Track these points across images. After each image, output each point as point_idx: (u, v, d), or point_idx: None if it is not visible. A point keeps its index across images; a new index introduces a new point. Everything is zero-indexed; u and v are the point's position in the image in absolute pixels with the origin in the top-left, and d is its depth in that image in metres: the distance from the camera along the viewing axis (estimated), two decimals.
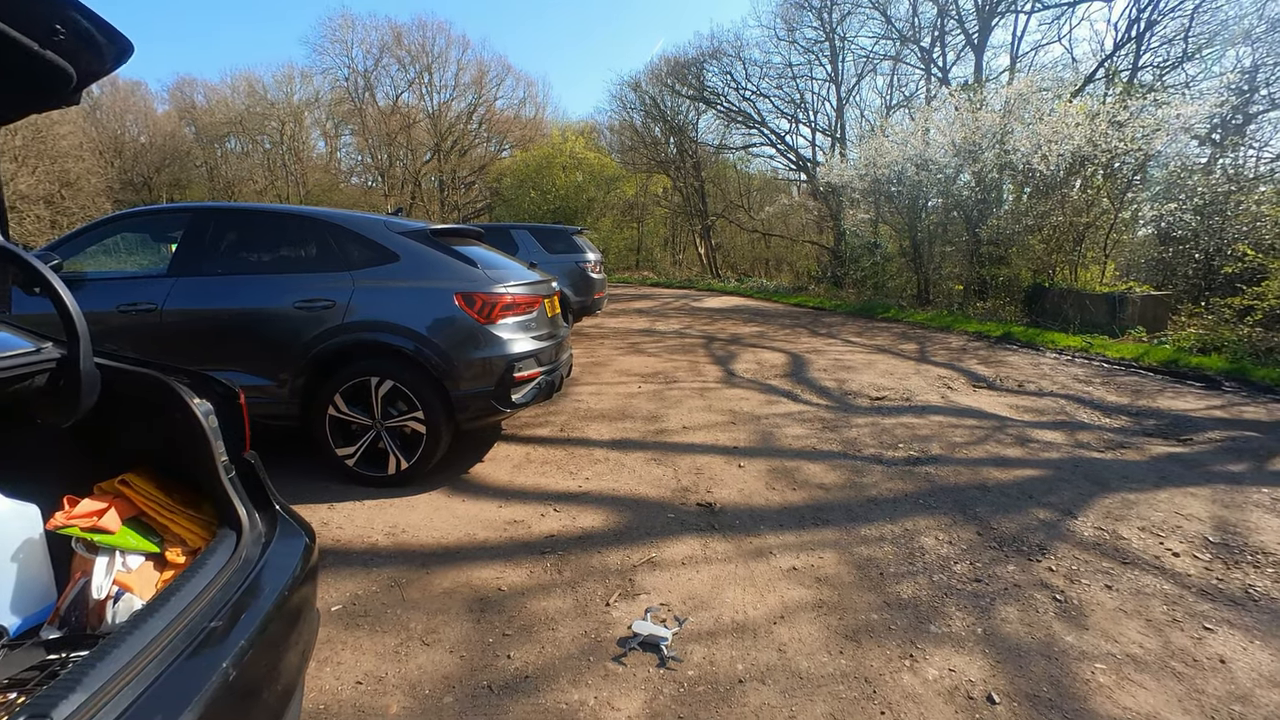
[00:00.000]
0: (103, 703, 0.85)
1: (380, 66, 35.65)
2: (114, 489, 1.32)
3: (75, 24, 1.10)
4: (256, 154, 36.75)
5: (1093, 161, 10.99)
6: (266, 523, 1.37)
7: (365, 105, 35.25)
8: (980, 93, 13.30)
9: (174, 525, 1.34)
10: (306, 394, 3.34)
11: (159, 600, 1.07)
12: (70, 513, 1.23)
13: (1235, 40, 13.61)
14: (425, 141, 36.22)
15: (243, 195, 34.90)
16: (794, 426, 4.67)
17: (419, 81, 35.87)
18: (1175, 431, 4.67)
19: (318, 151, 38.33)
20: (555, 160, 27.71)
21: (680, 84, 25.52)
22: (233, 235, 3.64)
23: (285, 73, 36.58)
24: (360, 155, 37.98)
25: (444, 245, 3.57)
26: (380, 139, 35.42)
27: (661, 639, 2.07)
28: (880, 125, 17.32)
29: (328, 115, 37.33)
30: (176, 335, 3.40)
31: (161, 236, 4.28)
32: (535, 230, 8.76)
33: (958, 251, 13.42)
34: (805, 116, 24.44)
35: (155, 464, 1.42)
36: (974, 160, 12.49)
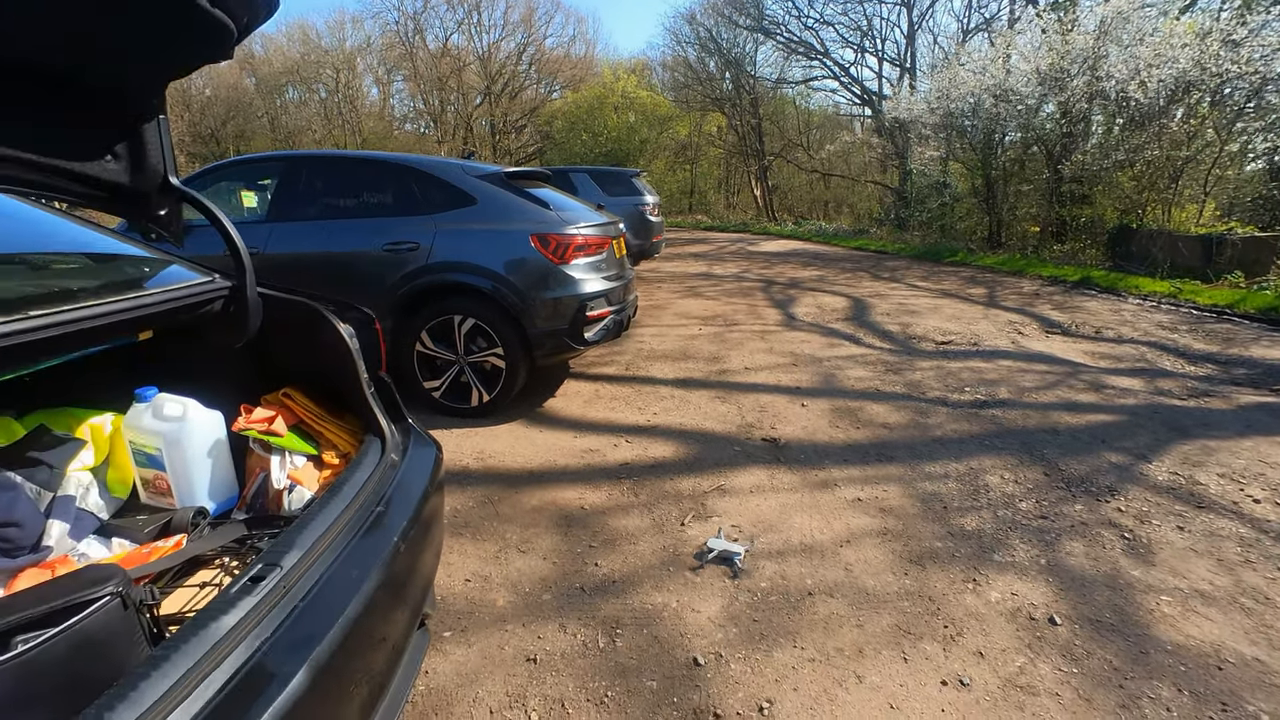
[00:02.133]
0: (313, 560, 1.06)
1: (429, 8, 35.16)
2: (278, 400, 1.54)
3: None
4: (313, 102, 37.37)
5: (1199, 87, 9.94)
6: (402, 433, 1.57)
7: (415, 49, 35.06)
8: (1073, 11, 12.07)
9: (327, 433, 1.56)
10: (396, 331, 3.59)
11: (333, 490, 1.27)
12: (250, 418, 1.46)
13: None
14: (476, 85, 35.92)
15: (302, 144, 35.80)
16: (856, 369, 4.69)
17: (468, 21, 35.27)
18: (1268, 381, 4.43)
19: (371, 99, 38.67)
20: (607, 101, 27.12)
21: (738, 14, 24.18)
22: (323, 182, 3.86)
23: (337, 19, 36.94)
24: (412, 101, 38.12)
25: (518, 188, 3.68)
26: (431, 83, 35.33)
27: (735, 554, 2.25)
28: (955, 52, 16.04)
29: (379, 60, 37.39)
30: (278, 277, 3.69)
31: (258, 184, 4.56)
32: (594, 173, 8.75)
33: (1035, 190, 12.57)
34: (872, 45, 22.85)
35: (307, 379, 1.63)
36: (1061, 89, 11.50)
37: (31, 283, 1.40)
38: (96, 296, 1.20)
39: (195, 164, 33.14)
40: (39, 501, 1.32)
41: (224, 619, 0.86)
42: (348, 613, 0.98)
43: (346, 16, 36.68)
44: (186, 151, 33.47)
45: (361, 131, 36.30)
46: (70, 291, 1.25)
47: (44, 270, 1.48)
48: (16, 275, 1.42)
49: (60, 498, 1.36)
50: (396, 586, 1.22)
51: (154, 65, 1.36)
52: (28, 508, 1.26)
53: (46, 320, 1.04)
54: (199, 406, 1.44)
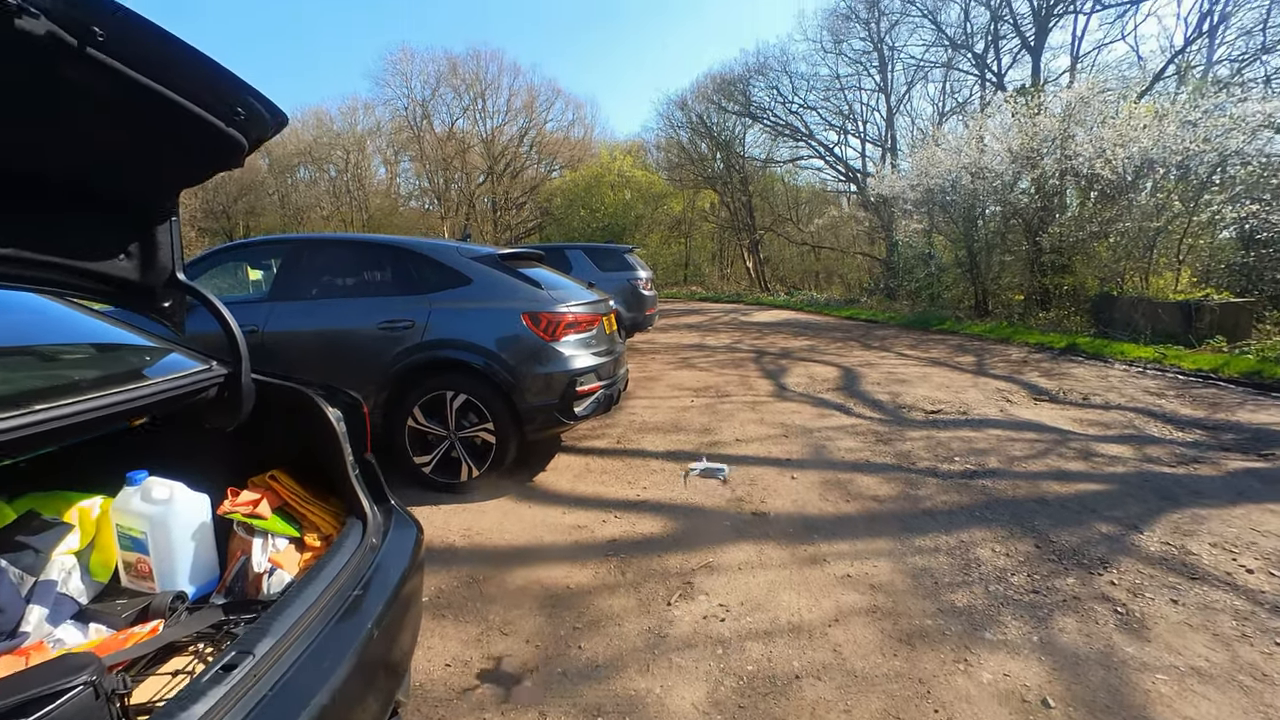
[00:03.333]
0: (287, 646, 1.07)
1: (437, 95, 37.44)
2: (264, 482, 1.58)
3: (250, 105, 1.38)
4: (323, 181, 39.04)
5: (1163, 163, 10.52)
6: (384, 514, 1.61)
7: (423, 133, 37.02)
8: (1038, 97, 12.94)
9: (310, 515, 1.59)
10: (389, 407, 3.65)
11: (311, 574, 1.30)
12: (235, 501, 1.50)
13: None
14: (479, 165, 37.68)
15: (310, 221, 37.15)
16: (847, 439, 4.72)
17: (473, 108, 37.45)
18: (1256, 446, 4.46)
19: (379, 177, 40.44)
20: (604, 179, 28.39)
21: (727, 100, 25.78)
22: (324, 264, 4.04)
23: (350, 105, 38.89)
24: (418, 180, 39.85)
25: (511, 269, 3.85)
26: (437, 164, 37.08)
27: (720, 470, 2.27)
28: (932, 134, 17.01)
29: (388, 143, 39.37)
30: (275, 355, 3.78)
31: (263, 265, 4.75)
32: (589, 250, 9.08)
33: (1017, 260, 13.02)
34: (854, 127, 24.25)
35: (295, 461, 1.68)
36: (1033, 166, 12.15)
37: (39, 375, 1.47)
38: (99, 389, 1.27)
39: (205, 239, 34.21)
40: (21, 586, 1.34)
41: (193, 708, 0.87)
42: (317, 701, 0.99)
43: (359, 103, 38.79)
44: (197, 227, 34.56)
45: (368, 208, 37.73)
46: (74, 384, 1.32)
47: (52, 361, 1.56)
48: (26, 367, 1.50)
49: (42, 582, 1.37)
50: (369, 674, 1.22)
51: (171, 177, 1.50)
52: (9, 593, 1.28)
53: (50, 414, 1.11)
54: (186, 490, 1.48)
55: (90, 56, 1.02)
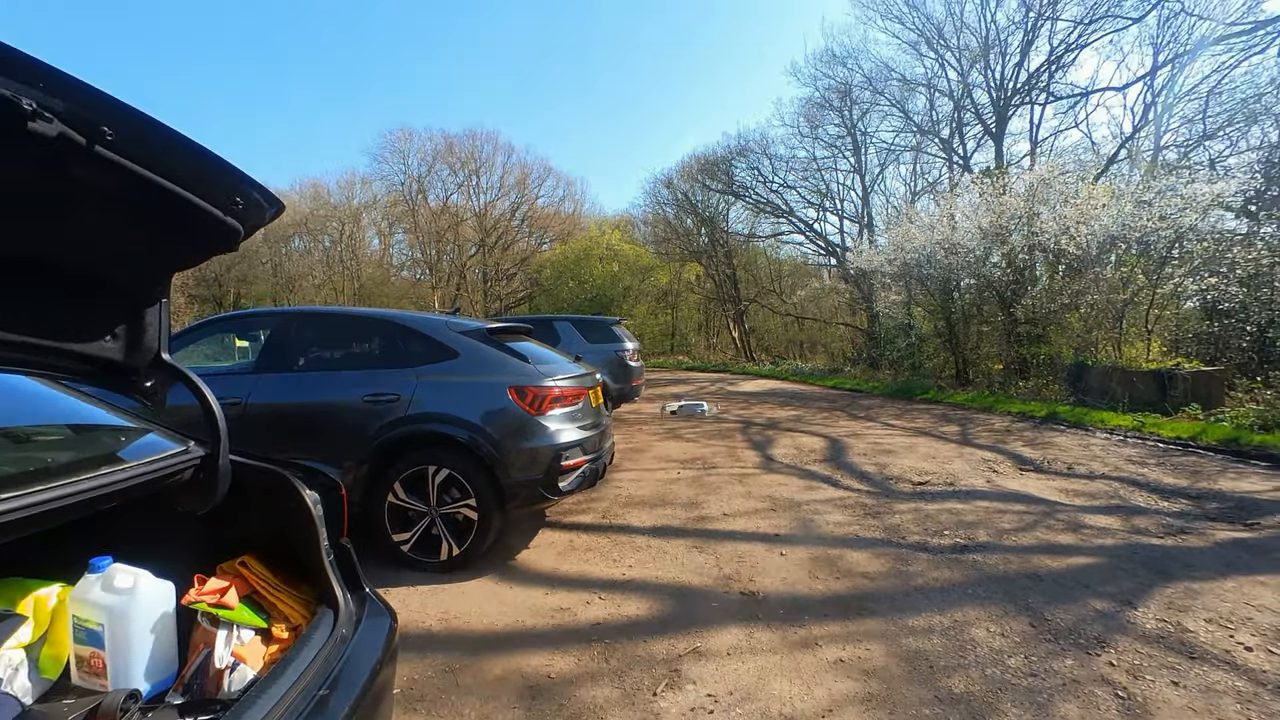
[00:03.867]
0: None
1: (433, 172, 38.92)
2: (234, 569, 1.53)
3: (249, 195, 1.44)
4: (317, 251, 39.69)
5: (1123, 239, 11.08)
6: (357, 603, 1.55)
7: (418, 207, 38.17)
8: (1002, 179, 13.76)
9: (280, 604, 1.52)
10: (369, 481, 3.58)
11: (276, 670, 1.24)
12: (201, 590, 1.44)
13: (1255, 118, 13.86)
14: (471, 237, 38.68)
15: (302, 289, 37.50)
16: (835, 513, 4.66)
17: (467, 184, 38.90)
18: (1241, 515, 4.47)
19: (372, 248, 41.26)
20: (593, 252, 29.24)
21: (710, 179, 27.03)
22: (314, 336, 4.06)
23: (348, 179, 40.18)
24: (411, 251, 40.71)
25: (498, 342, 3.89)
26: (430, 236, 38.01)
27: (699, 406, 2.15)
28: (906, 211, 17.87)
29: (383, 216, 40.44)
30: (257, 427, 3.73)
31: (251, 335, 4.76)
32: (576, 321, 9.22)
33: (994, 331, 13.39)
34: (832, 205, 25.40)
35: (267, 545, 1.63)
36: (1002, 242, 12.73)
37: (10, 458, 1.44)
38: (71, 474, 1.25)
39: (195, 306, 34.25)
40: None
41: None
42: None
43: (357, 177, 40.09)
44: (188, 294, 34.65)
45: (360, 278, 38.23)
46: (47, 469, 1.30)
47: (25, 444, 1.54)
48: None
49: None
50: None
51: (166, 261, 1.54)
52: None
53: (19, 504, 1.08)
54: (151, 578, 1.43)
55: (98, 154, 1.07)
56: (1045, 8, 17.50)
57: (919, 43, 20.41)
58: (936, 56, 20.30)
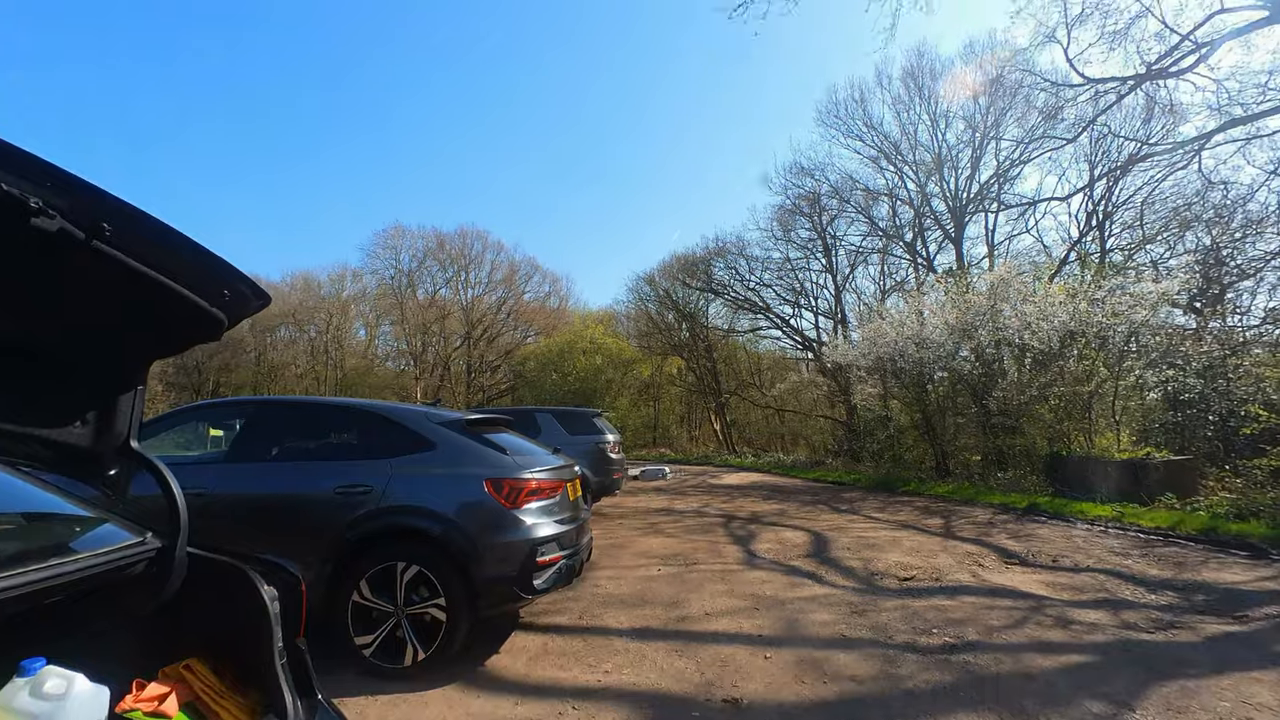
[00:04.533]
0: None
1: (423, 267, 39.96)
2: (177, 673, 1.43)
3: (237, 288, 1.49)
4: (302, 341, 39.63)
5: (1083, 334, 11.61)
6: (308, 710, 1.45)
7: (406, 300, 38.80)
8: (965, 278, 14.53)
9: (224, 712, 1.42)
10: (333, 578, 3.41)
11: None
12: (138, 695, 1.34)
13: (1187, 225, 15.06)
14: (457, 330, 39.15)
15: (284, 378, 37.11)
16: (820, 612, 4.50)
17: (456, 279, 39.92)
18: (1228, 608, 4.40)
19: (358, 339, 41.44)
20: (576, 345, 29.68)
21: (690, 278, 28.13)
22: (288, 425, 4.01)
23: (339, 272, 40.79)
24: (396, 342, 40.95)
25: (476, 433, 3.88)
26: (416, 328, 38.39)
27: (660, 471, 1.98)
28: (877, 309, 18.64)
29: (371, 308, 40.93)
30: (221, 518, 3.58)
31: (226, 424, 4.69)
32: (557, 413, 9.22)
33: (969, 422, 13.61)
34: (807, 302, 26.43)
35: (217, 644, 1.54)
36: (969, 337, 13.24)
37: None
38: (15, 565, 1.21)
39: (172, 393, 33.51)
40: None
41: None
42: None
43: (348, 271, 40.78)
44: (166, 381, 33.87)
45: (343, 368, 38.05)
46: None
47: None
48: None
49: None
50: None
51: (147, 349, 1.57)
52: None
53: None
54: (86, 682, 1.33)
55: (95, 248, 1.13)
56: (989, 129, 19.38)
57: (879, 158, 22.26)
58: (896, 169, 22.09)
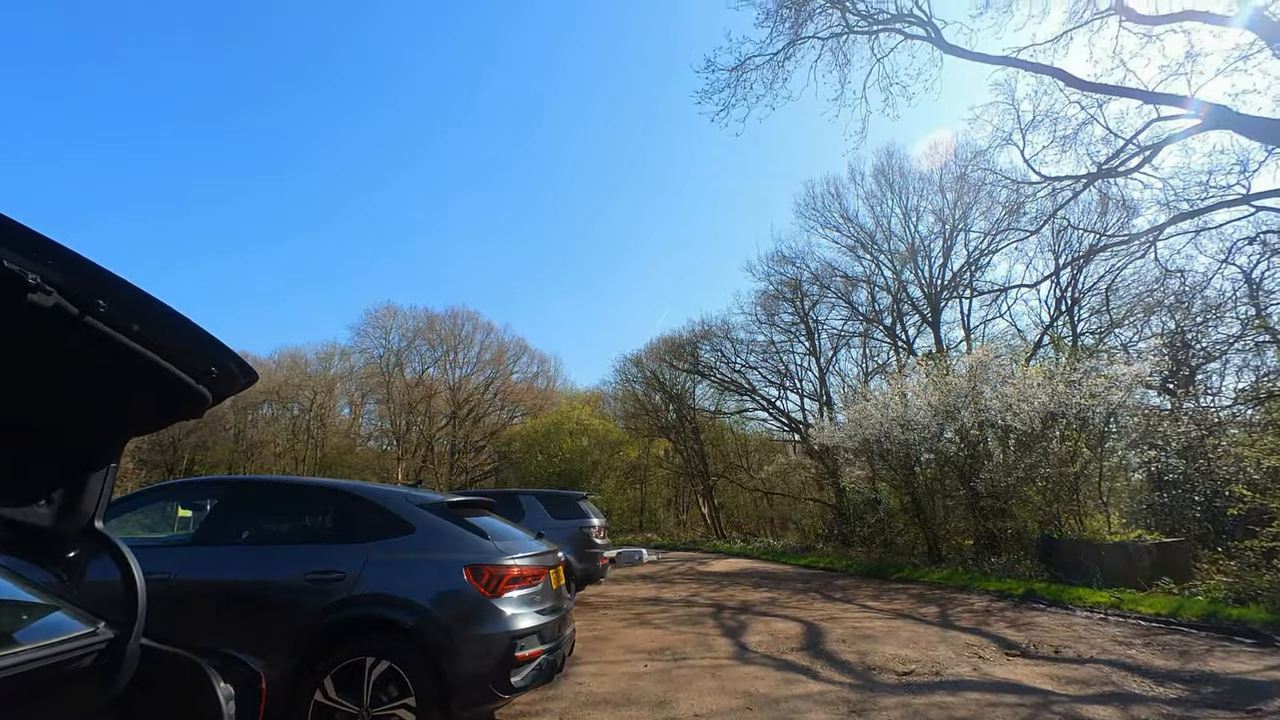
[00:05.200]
0: None
1: (412, 347, 40.02)
2: None
3: (224, 365, 1.50)
4: (284, 418, 38.82)
5: (1063, 416, 11.77)
6: None
7: (393, 379, 38.56)
8: (944, 361, 14.85)
9: None
10: (297, 675, 3.18)
11: None
12: None
13: (1151, 310, 15.70)
14: (443, 410, 38.74)
15: (263, 457, 36.04)
16: (816, 711, 4.25)
17: (445, 359, 39.98)
18: (1239, 700, 4.22)
19: (342, 417, 40.74)
20: (563, 426, 29.43)
21: (677, 360, 28.47)
22: (261, 506, 3.88)
23: (328, 350, 40.61)
24: (381, 421, 40.29)
25: (457, 516, 3.77)
26: (402, 407, 37.92)
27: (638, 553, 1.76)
28: (861, 391, 18.87)
29: (358, 387, 40.52)
30: (182, 607, 3.37)
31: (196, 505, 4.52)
32: (541, 496, 9.00)
33: (959, 505, 13.47)
34: (792, 384, 26.70)
35: None
36: (953, 419, 13.37)
37: None
38: None
39: (144, 470, 32.27)
40: None
41: None
42: None
43: (337, 349, 40.56)
44: (139, 458, 32.62)
45: (324, 447, 37.13)
46: None
47: None
48: None
49: None
50: None
51: (126, 427, 1.55)
52: None
53: None
54: None
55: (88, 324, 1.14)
56: (957, 222, 20.54)
57: (856, 247, 23.33)
58: (872, 258, 23.11)
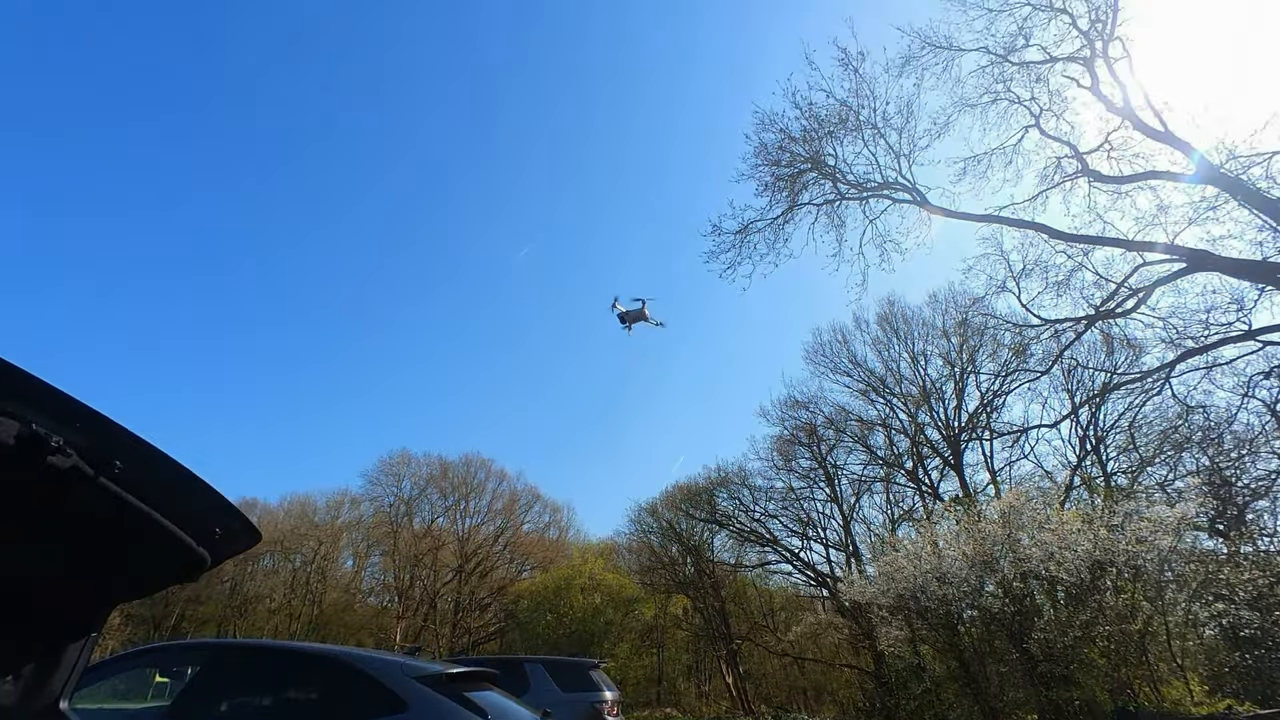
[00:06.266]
0: None
1: (424, 495, 39.22)
2: None
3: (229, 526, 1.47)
4: (285, 570, 37.16)
5: (1111, 564, 10.93)
6: None
7: (401, 529, 37.34)
8: (974, 506, 14.21)
9: None
10: None
11: None
12: None
13: (1181, 447, 15.20)
14: (449, 563, 37.02)
15: (257, 612, 34.18)
16: None
17: (455, 508, 38.96)
18: None
19: (344, 569, 39.06)
20: (574, 582, 27.81)
21: (693, 508, 27.52)
22: (245, 675, 3.60)
23: (337, 498, 39.78)
24: (384, 574, 38.46)
25: (456, 691, 3.44)
26: (407, 560, 36.30)
27: None
28: (889, 540, 17.89)
29: (364, 537, 39.23)
30: None
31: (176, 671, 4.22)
32: (549, 664, 8.23)
33: (1014, 671, 12.05)
34: (815, 534, 25.45)
35: None
36: (992, 570, 12.46)
37: None
38: None
39: (129, 626, 30.50)
40: None
41: None
42: None
43: (347, 496, 39.67)
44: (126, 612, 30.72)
45: (322, 604, 35.15)
46: None
47: None
48: None
49: None
50: None
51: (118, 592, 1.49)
52: None
53: None
54: None
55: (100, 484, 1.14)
56: (965, 364, 20.85)
57: (868, 390, 23.54)
58: (885, 401, 23.19)
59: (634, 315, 16.44)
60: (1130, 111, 12.09)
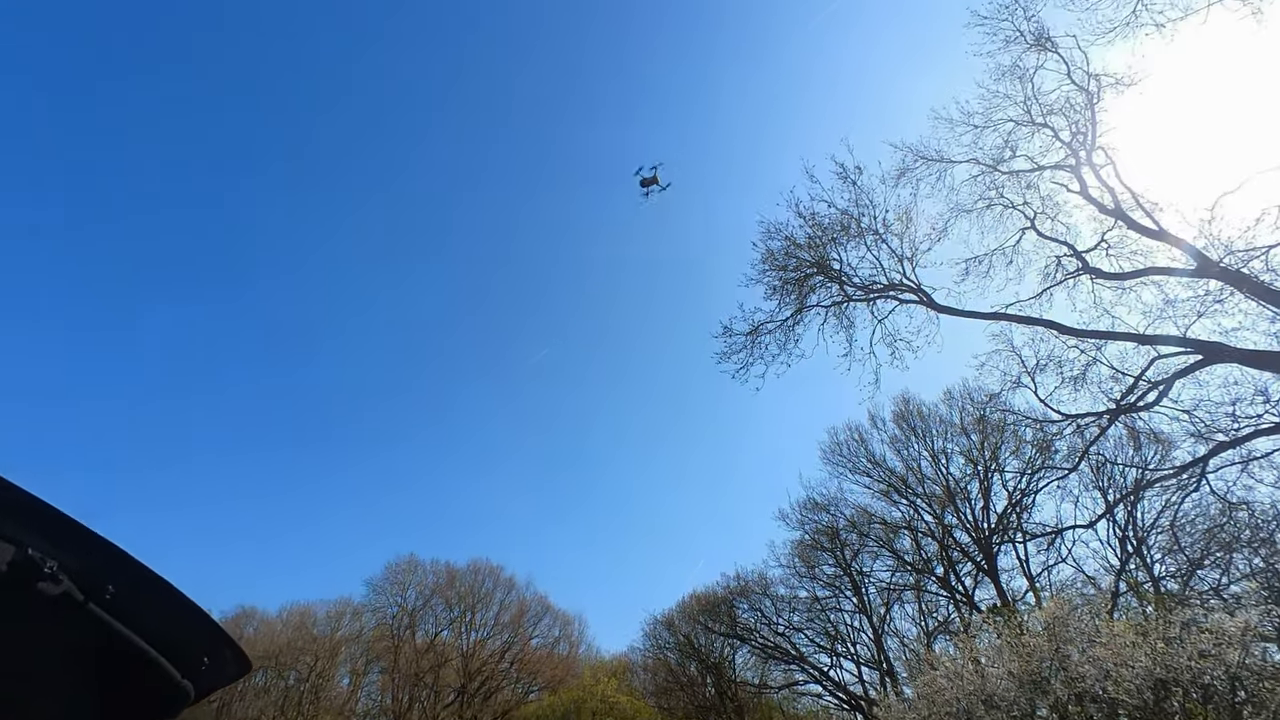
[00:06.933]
0: None
1: (429, 606, 37.33)
2: None
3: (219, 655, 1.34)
4: (277, 689, 34.73)
5: (1176, 683, 9.88)
6: None
7: (403, 643, 35.28)
8: (1013, 616, 13.19)
9: None
10: None
11: None
12: None
13: (1229, 547, 14.23)
14: (452, 682, 34.55)
15: None
16: None
17: (461, 620, 36.91)
18: None
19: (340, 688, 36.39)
20: (585, 705, 25.73)
21: (712, 621, 25.88)
22: None
23: (339, 608, 37.84)
24: (381, 695, 35.79)
25: None
26: (407, 678, 33.96)
27: None
28: (925, 656, 16.49)
29: (363, 651, 36.99)
30: None
31: None
32: None
33: None
34: (845, 649, 23.64)
35: None
36: (1043, 692, 11.32)
37: None
38: None
39: None
40: None
41: None
42: None
43: (349, 607, 37.60)
44: None
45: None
46: None
47: None
48: None
49: None
50: None
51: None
52: None
53: None
54: None
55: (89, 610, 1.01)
56: (989, 461, 20.26)
57: (889, 491, 22.75)
58: (909, 502, 22.34)
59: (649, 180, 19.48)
60: (1122, 212, 12.57)
